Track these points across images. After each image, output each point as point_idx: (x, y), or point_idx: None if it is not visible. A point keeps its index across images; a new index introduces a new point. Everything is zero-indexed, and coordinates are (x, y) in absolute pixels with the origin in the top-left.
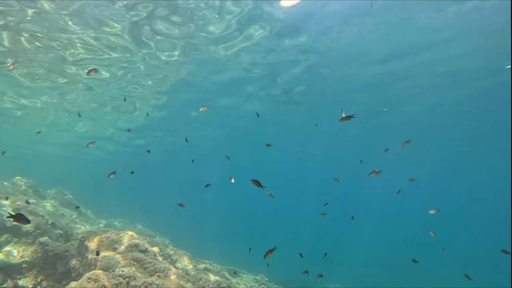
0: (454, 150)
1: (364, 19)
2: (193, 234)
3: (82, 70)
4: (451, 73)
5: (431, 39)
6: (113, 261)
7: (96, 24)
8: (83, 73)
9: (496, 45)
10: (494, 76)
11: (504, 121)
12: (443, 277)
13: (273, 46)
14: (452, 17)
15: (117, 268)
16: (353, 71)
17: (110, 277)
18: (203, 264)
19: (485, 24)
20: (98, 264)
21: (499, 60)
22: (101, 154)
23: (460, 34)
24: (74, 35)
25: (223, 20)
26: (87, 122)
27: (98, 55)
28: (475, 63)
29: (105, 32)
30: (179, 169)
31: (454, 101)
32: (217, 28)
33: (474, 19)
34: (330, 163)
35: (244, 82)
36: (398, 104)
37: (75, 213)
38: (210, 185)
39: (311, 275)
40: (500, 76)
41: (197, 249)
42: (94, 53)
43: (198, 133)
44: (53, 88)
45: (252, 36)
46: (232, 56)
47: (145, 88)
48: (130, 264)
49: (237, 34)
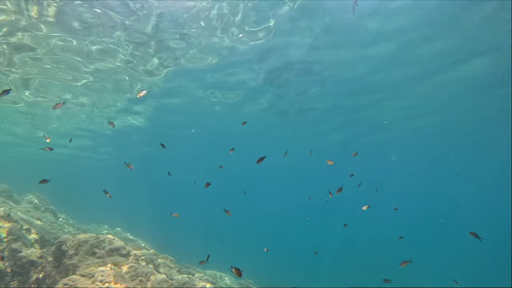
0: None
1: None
2: (177, 238)
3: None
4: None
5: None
6: (92, 266)
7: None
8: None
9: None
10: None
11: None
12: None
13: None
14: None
15: (96, 273)
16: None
17: (89, 283)
18: (188, 268)
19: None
20: (76, 269)
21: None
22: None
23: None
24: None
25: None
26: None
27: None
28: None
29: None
30: (161, 172)
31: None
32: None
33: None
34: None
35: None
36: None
37: (53, 218)
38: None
39: (298, 279)
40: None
41: (181, 254)
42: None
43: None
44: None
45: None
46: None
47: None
48: (111, 269)
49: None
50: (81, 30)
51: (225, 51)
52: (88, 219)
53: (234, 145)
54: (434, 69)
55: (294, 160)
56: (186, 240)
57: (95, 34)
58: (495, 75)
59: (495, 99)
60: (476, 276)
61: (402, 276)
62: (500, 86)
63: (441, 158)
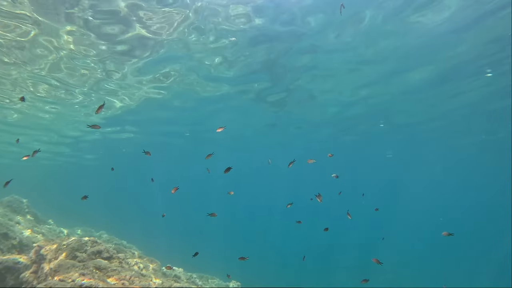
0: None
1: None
2: (163, 241)
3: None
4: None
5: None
6: (72, 270)
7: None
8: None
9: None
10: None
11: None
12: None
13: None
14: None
15: (77, 278)
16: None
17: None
18: (173, 271)
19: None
20: (56, 274)
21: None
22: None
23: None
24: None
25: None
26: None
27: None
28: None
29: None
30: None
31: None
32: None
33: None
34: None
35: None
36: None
37: (33, 221)
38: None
39: (287, 281)
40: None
41: (167, 256)
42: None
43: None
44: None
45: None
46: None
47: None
48: (92, 272)
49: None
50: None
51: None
52: (73, 223)
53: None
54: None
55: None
56: (173, 243)
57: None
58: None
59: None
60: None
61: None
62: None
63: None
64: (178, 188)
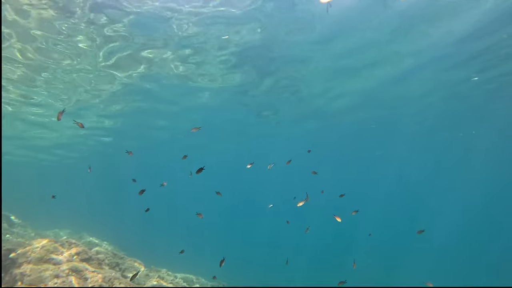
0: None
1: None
2: (148, 241)
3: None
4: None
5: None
6: (46, 274)
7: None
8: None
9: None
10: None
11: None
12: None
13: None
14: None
15: (50, 282)
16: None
17: None
18: (157, 272)
19: None
20: (26, 279)
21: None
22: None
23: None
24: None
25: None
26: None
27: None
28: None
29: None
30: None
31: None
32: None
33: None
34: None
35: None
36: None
37: (5, 224)
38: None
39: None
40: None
41: (153, 257)
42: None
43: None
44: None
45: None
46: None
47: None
48: (68, 275)
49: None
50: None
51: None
52: (53, 225)
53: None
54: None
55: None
56: (156, 242)
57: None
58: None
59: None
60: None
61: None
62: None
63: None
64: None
